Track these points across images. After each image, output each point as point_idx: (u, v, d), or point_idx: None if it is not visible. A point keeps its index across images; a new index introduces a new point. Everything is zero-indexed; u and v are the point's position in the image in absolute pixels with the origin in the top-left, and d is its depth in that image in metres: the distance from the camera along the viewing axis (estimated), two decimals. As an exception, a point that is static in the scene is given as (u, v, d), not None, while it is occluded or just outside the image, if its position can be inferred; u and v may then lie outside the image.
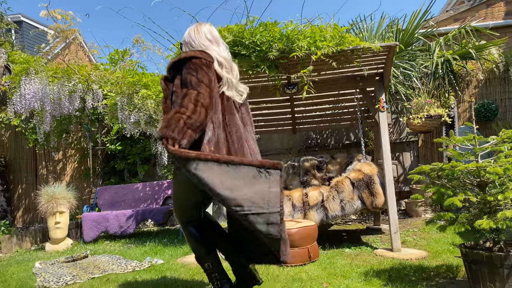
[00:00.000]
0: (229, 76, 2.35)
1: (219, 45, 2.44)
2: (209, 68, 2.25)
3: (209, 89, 2.19)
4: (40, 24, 14.08)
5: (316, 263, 3.47)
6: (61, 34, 4.93)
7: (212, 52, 2.34)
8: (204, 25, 2.47)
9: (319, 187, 4.23)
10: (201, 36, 2.41)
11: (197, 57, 2.25)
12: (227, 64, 2.37)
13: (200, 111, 2.12)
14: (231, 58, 2.49)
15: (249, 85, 4.71)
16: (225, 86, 2.33)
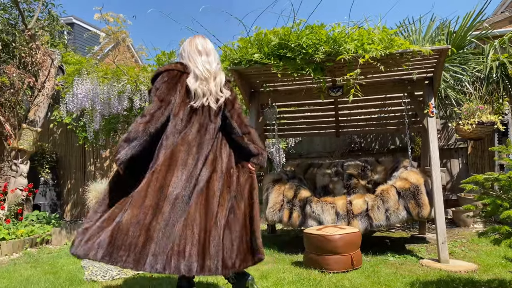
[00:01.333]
0: (201, 87, 2.49)
1: (208, 56, 2.60)
2: (175, 78, 2.48)
3: (159, 101, 2.40)
4: (90, 26, 14.69)
5: (359, 271, 3.39)
6: (112, 36, 5.12)
7: (192, 65, 2.54)
8: (197, 38, 2.66)
9: (364, 195, 4.14)
10: (191, 47, 2.61)
11: (168, 70, 2.49)
12: (204, 77, 2.51)
13: (137, 126, 2.34)
14: (218, 68, 2.62)
15: (293, 88, 4.73)
16: (193, 100, 2.48)
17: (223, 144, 2.58)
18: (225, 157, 2.56)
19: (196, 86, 2.49)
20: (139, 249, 2.19)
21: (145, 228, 2.22)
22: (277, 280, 3.18)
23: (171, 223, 2.26)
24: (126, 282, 3.28)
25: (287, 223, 4.24)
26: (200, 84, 2.50)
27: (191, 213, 2.31)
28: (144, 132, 2.33)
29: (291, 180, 4.60)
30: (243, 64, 3.98)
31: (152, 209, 2.27)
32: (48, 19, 7.18)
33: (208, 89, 2.51)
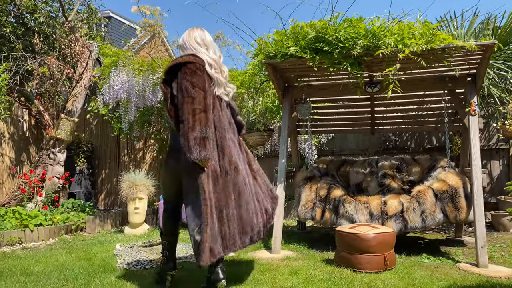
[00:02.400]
0: (218, 76, 2.59)
1: (208, 48, 2.68)
2: (202, 71, 2.51)
3: (203, 92, 2.43)
4: (126, 20, 14.98)
5: (393, 272, 3.30)
6: (148, 28, 5.17)
7: (202, 55, 2.60)
8: (195, 30, 2.75)
9: (399, 195, 4.02)
10: (191, 39, 2.69)
11: (191, 62, 2.50)
12: (216, 65, 2.61)
13: (199, 118, 2.38)
14: (221, 59, 2.72)
15: (327, 83, 4.63)
16: (216, 86, 2.58)
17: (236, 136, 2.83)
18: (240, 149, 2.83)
19: (215, 74, 2.60)
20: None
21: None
22: (308, 277, 3.13)
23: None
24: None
25: (320, 222, 4.18)
26: (215, 73, 2.61)
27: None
28: (208, 124, 2.41)
29: (323, 177, 4.52)
30: (278, 57, 3.92)
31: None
32: (87, 12, 7.35)
33: (220, 80, 2.64)
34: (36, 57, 6.53)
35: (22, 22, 6.93)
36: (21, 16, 6.90)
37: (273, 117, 5.83)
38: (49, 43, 7.11)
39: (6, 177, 6.55)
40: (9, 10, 6.70)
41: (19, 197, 6.12)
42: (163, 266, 2.94)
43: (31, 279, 3.11)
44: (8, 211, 5.32)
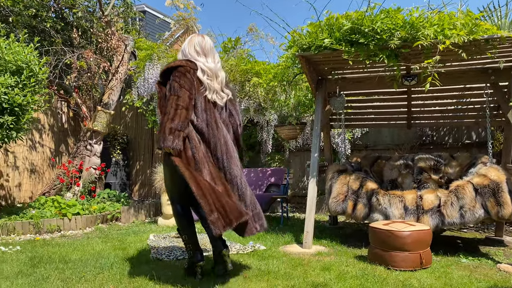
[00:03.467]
0: (210, 82, 2.79)
1: (207, 56, 2.88)
2: (192, 74, 2.73)
3: (188, 92, 2.66)
4: (161, 14, 15.18)
5: (429, 271, 3.20)
6: (182, 21, 5.21)
7: (197, 62, 2.81)
8: (196, 38, 2.94)
9: (436, 190, 3.89)
10: (191, 47, 2.89)
11: (182, 66, 2.74)
12: (210, 72, 2.81)
13: (180, 113, 2.60)
14: (218, 65, 2.90)
15: (362, 75, 4.53)
16: (207, 91, 2.77)
17: (231, 135, 2.95)
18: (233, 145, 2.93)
19: (206, 81, 2.79)
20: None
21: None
22: (340, 273, 3.09)
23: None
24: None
25: (351, 215, 4.09)
26: (207, 79, 2.80)
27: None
28: (184, 122, 2.61)
29: (356, 172, 4.44)
30: (312, 49, 3.86)
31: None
32: (123, 6, 7.49)
33: (214, 86, 2.82)
34: (75, 51, 6.72)
35: (62, 17, 7.13)
36: (61, 11, 7.11)
37: (305, 110, 5.77)
38: (86, 37, 7.30)
39: (46, 167, 6.80)
40: (50, 6, 6.91)
41: (58, 186, 6.35)
42: (190, 259, 2.97)
43: (69, 266, 3.21)
44: (48, 200, 5.52)
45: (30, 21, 6.63)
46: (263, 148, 7.34)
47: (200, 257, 2.91)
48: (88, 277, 2.91)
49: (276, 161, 7.61)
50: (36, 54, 4.83)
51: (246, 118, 6.18)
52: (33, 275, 2.96)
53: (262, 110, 5.74)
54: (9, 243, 4.23)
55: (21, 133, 4.71)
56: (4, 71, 4.51)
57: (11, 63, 4.54)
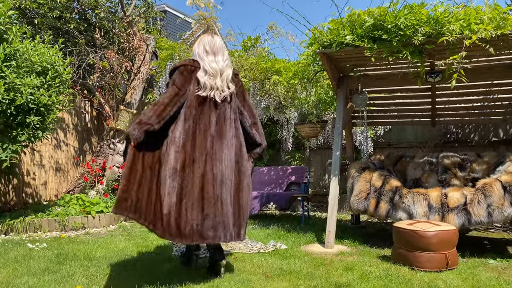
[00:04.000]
0: (210, 81, 2.85)
1: (216, 55, 2.94)
2: (189, 72, 2.84)
3: (177, 89, 2.78)
4: (181, 14, 15.29)
5: (455, 272, 3.12)
6: (203, 21, 5.22)
7: (203, 62, 2.89)
8: (206, 37, 3.03)
9: (461, 188, 3.79)
10: (200, 47, 2.97)
11: (184, 65, 2.87)
12: (213, 71, 2.87)
13: (157, 108, 2.71)
14: (225, 65, 2.94)
15: (385, 72, 4.46)
16: (201, 90, 2.84)
17: (233, 131, 2.91)
18: (236, 142, 2.91)
19: (205, 80, 2.85)
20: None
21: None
22: (363, 273, 3.04)
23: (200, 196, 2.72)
24: (211, 262, 3.36)
25: (373, 213, 4.02)
26: (209, 78, 2.86)
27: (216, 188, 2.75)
28: (159, 117, 2.71)
29: (379, 170, 4.37)
30: (334, 47, 3.82)
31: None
32: (144, 6, 7.56)
33: (215, 83, 2.87)
34: (97, 51, 6.83)
35: (85, 18, 7.26)
36: (84, 12, 7.23)
37: (326, 108, 5.72)
38: (109, 38, 7.41)
39: (70, 165, 6.93)
40: (73, 7, 7.04)
41: (82, 184, 6.47)
42: (212, 258, 2.97)
43: (93, 264, 3.27)
44: (73, 198, 5.63)
45: (55, 22, 6.76)
46: (283, 146, 7.32)
47: (220, 256, 2.93)
48: (112, 274, 2.95)
49: (297, 159, 7.58)
50: (60, 55, 4.93)
51: (266, 116, 6.16)
52: (59, 272, 3.02)
53: (282, 108, 5.71)
54: (36, 240, 4.33)
55: (46, 132, 4.82)
56: (30, 72, 4.61)
57: (37, 64, 4.64)
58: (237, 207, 2.86)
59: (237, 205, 2.87)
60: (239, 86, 3.05)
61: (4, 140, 4.40)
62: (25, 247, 3.94)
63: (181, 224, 2.64)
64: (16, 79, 4.28)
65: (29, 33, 4.85)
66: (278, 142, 7.65)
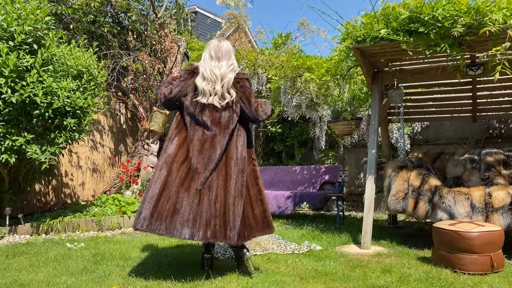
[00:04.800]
0: (208, 87, 2.94)
1: (220, 60, 3.01)
2: (187, 74, 3.03)
3: (171, 84, 3.00)
4: (212, 14, 15.39)
5: (501, 275, 2.95)
6: (233, 20, 5.20)
7: (204, 68, 2.99)
8: (213, 42, 3.09)
9: (506, 187, 3.59)
10: (206, 51, 3.07)
11: (185, 69, 3.09)
12: (212, 77, 2.95)
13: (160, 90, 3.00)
14: (228, 71, 2.98)
15: (422, 66, 4.29)
16: (200, 96, 2.96)
17: (235, 135, 2.98)
18: (240, 146, 2.97)
19: (203, 86, 2.94)
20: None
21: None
22: (402, 276, 2.93)
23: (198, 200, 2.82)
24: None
25: (412, 214, 3.88)
26: (207, 84, 2.94)
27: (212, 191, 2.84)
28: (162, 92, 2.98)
29: (417, 168, 4.20)
30: (367, 41, 3.70)
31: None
32: (175, 8, 7.63)
33: (214, 89, 2.94)
34: (130, 54, 6.95)
35: (118, 21, 7.40)
36: (117, 15, 7.38)
37: (361, 105, 5.57)
38: (141, 40, 7.53)
39: (107, 166, 7.10)
40: (107, 11, 7.19)
41: (118, 185, 6.60)
42: (236, 254, 3.09)
43: (129, 264, 3.30)
44: (109, 198, 5.75)
45: (89, 27, 6.93)
46: (316, 145, 7.21)
47: (244, 250, 2.96)
48: (147, 274, 2.97)
49: (330, 158, 7.45)
50: (95, 58, 5.03)
51: (298, 114, 6.08)
52: (96, 272, 3.07)
53: (315, 106, 5.61)
54: (74, 239, 4.44)
55: (82, 134, 4.93)
56: (66, 76, 4.73)
57: (72, 68, 4.75)
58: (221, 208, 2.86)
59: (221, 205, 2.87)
60: (243, 90, 3.01)
61: (43, 142, 4.54)
62: (64, 247, 4.04)
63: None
64: (53, 83, 4.40)
65: (65, 38, 4.98)
66: (310, 140, 7.55)
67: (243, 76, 3.09)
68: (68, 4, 6.76)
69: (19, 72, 4.26)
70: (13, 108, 4.27)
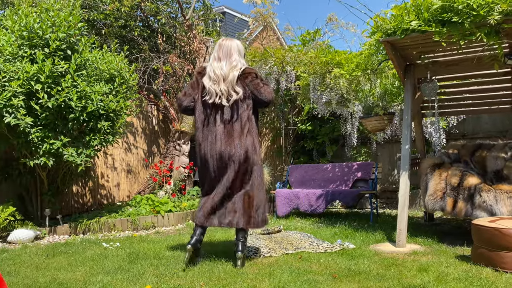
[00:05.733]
0: (214, 86, 3.15)
1: (221, 61, 3.18)
2: (199, 75, 3.29)
3: (190, 87, 3.34)
4: (239, 13, 15.43)
5: (547, 274, 2.80)
6: (260, 18, 5.18)
7: (208, 67, 3.22)
8: (219, 42, 3.28)
9: (552, 181, 3.40)
10: (214, 53, 3.25)
11: (197, 71, 3.35)
12: (216, 77, 3.14)
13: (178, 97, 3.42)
14: (230, 68, 3.14)
15: (457, 57, 4.13)
16: (207, 95, 3.19)
17: (242, 133, 3.16)
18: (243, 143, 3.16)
19: (209, 86, 3.15)
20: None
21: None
22: (440, 275, 2.83)
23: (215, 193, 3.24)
24: (277, 261, 3.31)
25: (451, 213, 3.74)
26: (213, 84, 3.14)
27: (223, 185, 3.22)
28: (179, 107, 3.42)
29: (454, 164, 4.05)
30: (398, 34, 3.59)
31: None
32: (203, 9, 7.69)
33: (220, 89, 3.13)
34: (161, 56, 7.06)
35: (148, 25, 7.54)
36: (146, 19, 7.52)
37: (393, 99, 5.43)
38: (171, 43, 7.64)
39: (140, 167, 7.25)
40: (137, 15, 7.34)
41: (151, 185, 6.73)
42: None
43: (162, 263, 3.35)
44: (143, 198, 5.87)
45: (120, 31, 7.10)
46: (347, 142, 7.10)
47: (190, 240, 3.20)
48: (180, 273, 3.00)
49: (362, 154, 7.31)
50: (126, 62, 5.14)
51: (328, 111, 5.99)
52: (130, 271, 3.13)
53: (345, 102, 5.52)
54: (110, 239, 4.56)
55: (116, 136, 5.05)
56: (99, 80, 4.86)
57: (105, 72, 4.88)
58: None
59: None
60: (253, 84, 3.17)
61: (79, 145, 4.67)
62: (100, 246, 4.15)
63: None
64: (87, 87, 4.53)
65: (97, 43, 5.12)
66: (342, 137, 7.43)
67: (251, 71, 3.20)
68: (100, 10, 6.94)
69: (55, 77, 4.41)
70: (50, 112, 4.42)
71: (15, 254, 3.90)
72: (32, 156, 4.61)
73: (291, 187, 6.28)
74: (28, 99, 4.35)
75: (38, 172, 4.97)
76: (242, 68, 3.19)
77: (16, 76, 4.26)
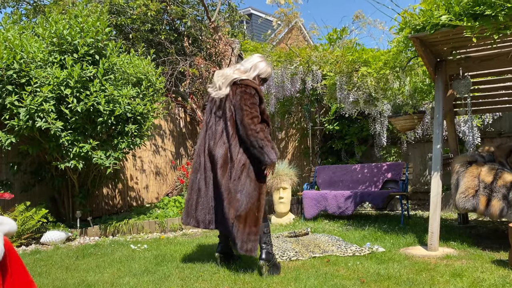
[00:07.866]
0: (211, 91, 3.27)
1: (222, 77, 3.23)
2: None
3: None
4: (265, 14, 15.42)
5: None
6: (284, 18, 5.13)
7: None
8: (218, 72, 3.31)
9: None
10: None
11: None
12: (216, 83, 3.21)
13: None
14: (236, 69, 3.20)
15: (491, 52, 3.95)
16: (209, 103, 3.33)
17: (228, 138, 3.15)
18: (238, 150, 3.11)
19: (211, 93, 3.26)
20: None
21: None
22: (474, 280, 2.69)
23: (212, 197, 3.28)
24: (304, 264, 3.24)
25: (484, 212, 3.56)
26: (213, 91, 3.24)
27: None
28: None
29: (488, 163, 3.87)
30: (427, 29, 3.46)
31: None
32: (228, 11, 7.71)
33: (214, 94, 3.22)
34: (187, 59, 7.12)
35: (174, 28, 7.62)
36: (173, 22, 7.60)
37: (423, 97, 5.26)
38: (197, 45, 7.69)
39: (168, 169, 7.33)
40: (163, 19, 7.42)
41: (179, 187, 6.78)
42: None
43: (188, 265, 3.35)
44: (171, 200, 5.92)
45: (147, 35, 7.20)
46: (376, 142, 6.94)
47: (218, 248, 3.35)
48: (205, 276, 2.99)
49: (392, 154, 7.13)
50: (153, 65, 5.20)
51: (356, 110, 5.87)
52: (156, 273, 3.14)
53: (373, 101, 5.38)
54: (138, 241, 4.61)
55: (144, 139, 5.11)
56: (126, 84, 4.93)
57: (132, 76, 4.95)
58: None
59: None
60: (240, 96, 3.02)
61: (107, 148, 4.76)
62: (128, 248, 4.20)
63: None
64: (115, 91, 4.60)
65: (124, 47, 5.20)
66: (371, 137, 7.27)
67: (249, 83, 3.05)
68: (127, 15, 7.07)
69: (83, 82, 4.50)
70: (79, 116, 4.52)
71: (47, 255, 4.00)
72: (63, 159, 4.72)
73: (319, 188, 6.18)
74: (58, 104, 4.46)
75: (69, 175, 5.10)
76: (243, 78, 3.08)
77: (47, 81, 4.38)
